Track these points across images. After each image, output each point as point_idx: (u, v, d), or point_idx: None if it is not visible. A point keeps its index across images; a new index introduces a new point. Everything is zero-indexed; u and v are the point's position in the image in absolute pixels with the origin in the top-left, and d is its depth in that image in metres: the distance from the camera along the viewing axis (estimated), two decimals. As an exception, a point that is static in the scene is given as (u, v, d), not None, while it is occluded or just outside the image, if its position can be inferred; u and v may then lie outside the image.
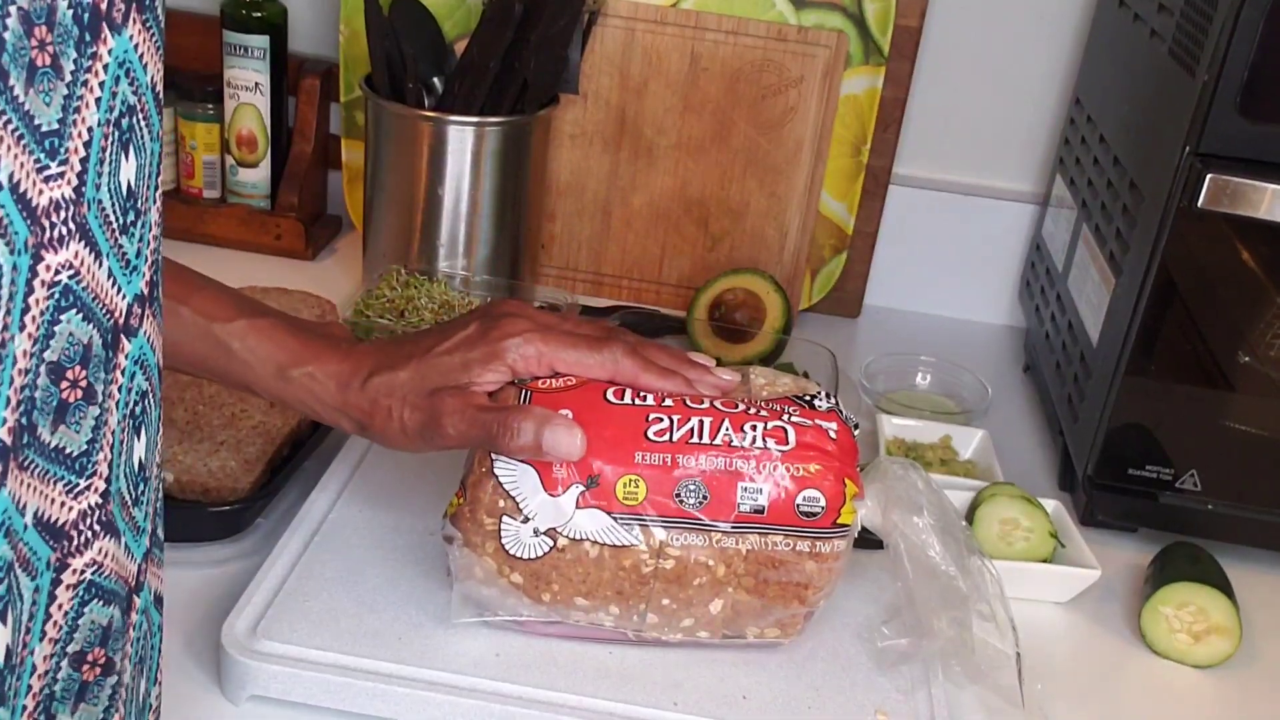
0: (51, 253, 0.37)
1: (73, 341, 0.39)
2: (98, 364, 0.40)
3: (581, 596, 0.67)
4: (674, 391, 0.68)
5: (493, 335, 0.67)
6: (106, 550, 0.42)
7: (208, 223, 1.22)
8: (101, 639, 0.44)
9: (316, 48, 1.27)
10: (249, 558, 0.79)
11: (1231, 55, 0.78)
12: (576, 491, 0.65)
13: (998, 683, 0.70)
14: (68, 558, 0.41)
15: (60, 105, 0.36)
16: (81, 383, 0.39)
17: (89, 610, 0.42)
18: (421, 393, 0.67)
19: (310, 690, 0.67)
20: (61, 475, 0.39)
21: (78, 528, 0.41)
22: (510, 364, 0.67)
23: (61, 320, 0.38)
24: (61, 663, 0.42)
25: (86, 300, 0.39)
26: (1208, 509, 0.90)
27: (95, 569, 0.42)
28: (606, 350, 0.68)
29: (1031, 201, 1.25)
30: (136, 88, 0.39)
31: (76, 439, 0.40)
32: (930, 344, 1.17)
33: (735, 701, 0.69)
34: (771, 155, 1.17)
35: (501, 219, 1.10)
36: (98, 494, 0.41)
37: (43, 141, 0.36)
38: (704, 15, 1.14)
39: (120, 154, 0.39)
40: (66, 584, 0.41)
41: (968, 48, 1.22)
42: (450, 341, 0.68)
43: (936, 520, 0.69)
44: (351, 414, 0.69)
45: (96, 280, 0.39)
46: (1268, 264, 0.86)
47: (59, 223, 0.37)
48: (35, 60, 0.35)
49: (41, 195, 0.36)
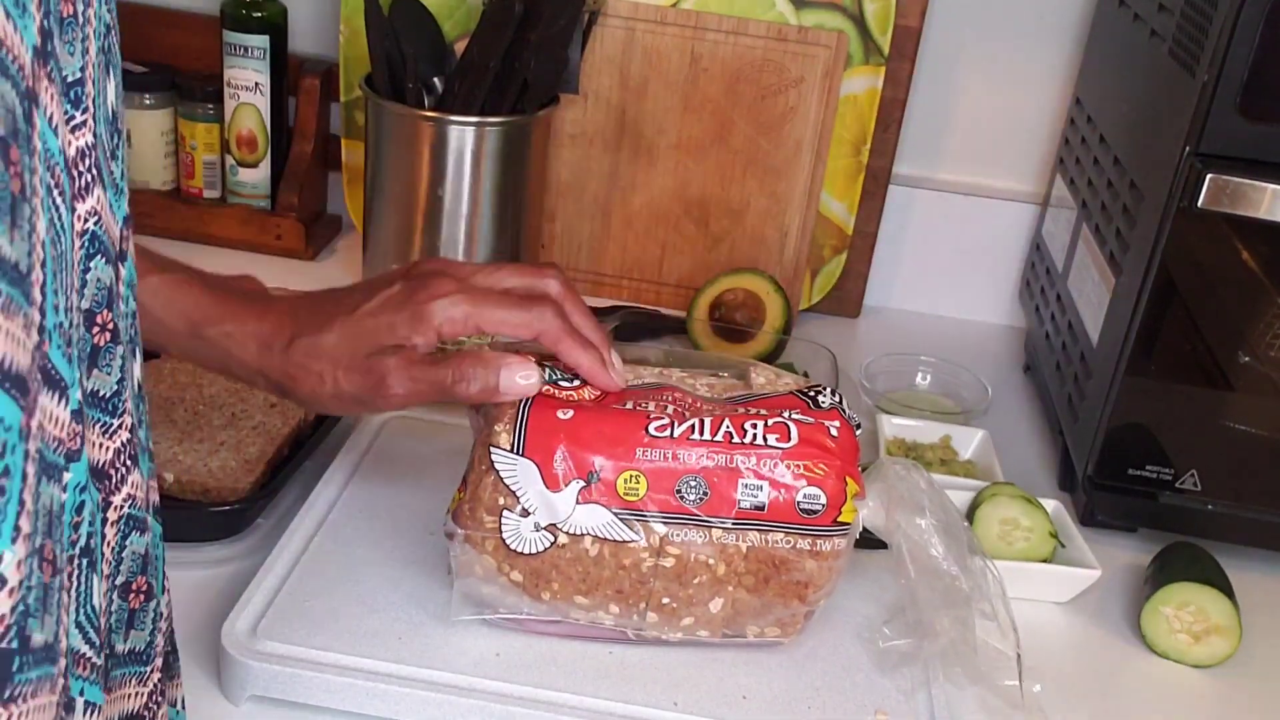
0: (81, 201, 0.37)
1: (100, 286, 0.39)
2: (117, 301, 0.40)
3: (581, 595, 0.67)
4: (586, 367, 0.67)
5: (419, 296, 0.66)
6: (135, 482, 0.43)
7: (208, 223, 1.22)
8: (142, 566, 0.44)
9: (316, 48, 1.27)
10: (249, 558, 0.79)
11: (1231, 55, 0.78)
12: (577, 487, 0.65)
13: (998, 684, 0.70)
14: (110, 495, 0.41)
15: (80, 52, 0.36)
16: (109, 325, 0.39)
17: (129, 542, 0.43)
18: (356, 355, 0.65)
19: (310, 690, 0.67)
20: (99, 418, 0.40)
21: (114, 466, 0.41)
22: (437, 327, 0.65)
23: (91, 268, 0.38)
24: (114, 595, 0.43)
25: (105, 242, 0.39)
26: (1207, 509, 0.90)
27: (130, 502, 0.43)
28: (535, 309, 0.66)
29: (1031, 201, 1.25)
30: (109, 3, 0.39)
31: (108, 380, 0.40)
32: (930, 344, 1.17)
33: (735, 701, 0.69)
34: (771, 155, 1.17)
35: (501, 219, 1.10)
36: (127, 430, 0.42)
37: (68, 92, 0.36)
38: (704, 15, 1.14)
39: (105, 77, 0.39)
40: (110, 521, 0.42)
41: (968, 48, 1.22)
42: (374, 302, 0.66)
43: (939, 521, 0.69)
44: (271, 375, 0.67)
45: (109, 218, 0.39)
46: (1268, 264, 0.86)
47: (84, 170, 0.37)
48: (64, 12, 0.35)
49: (70, 147, 0.36)
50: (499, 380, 0.64)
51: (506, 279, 0.68)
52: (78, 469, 0.36)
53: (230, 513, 0.79)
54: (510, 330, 0.67)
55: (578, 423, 0.66)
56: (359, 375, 0.65)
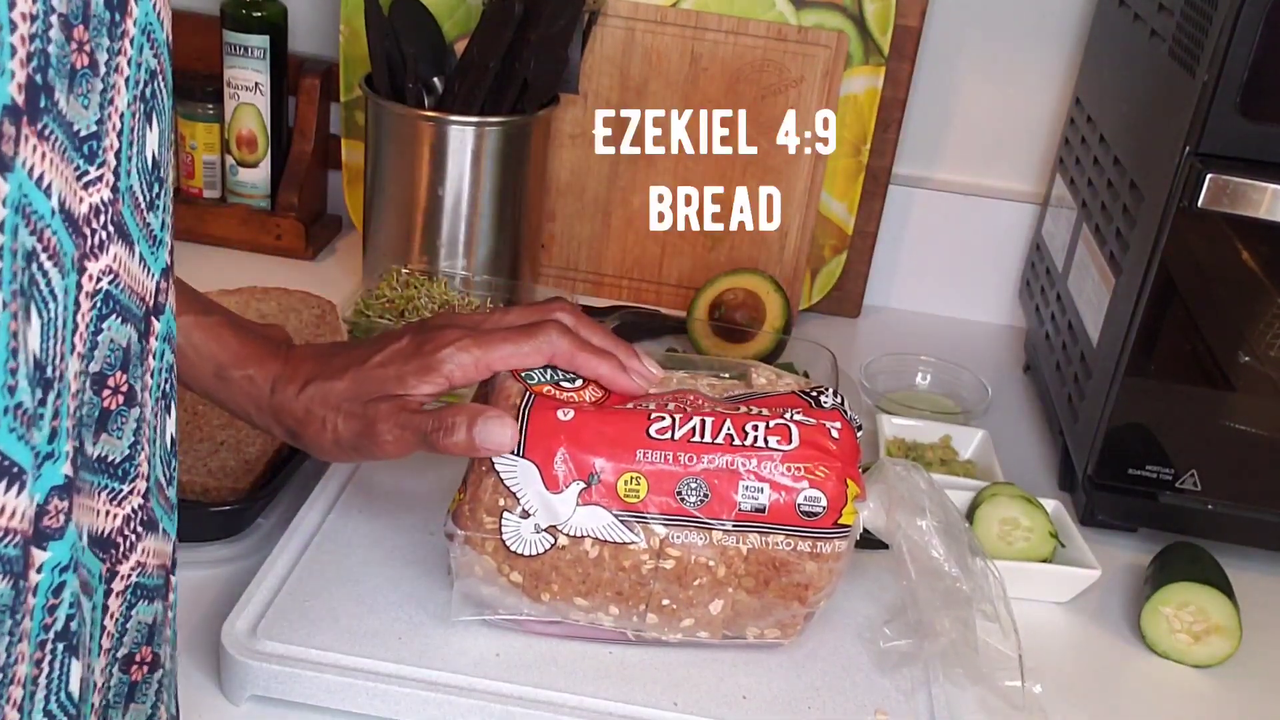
0: (93, 260, 0.35)
1: (114, 348, 0.37)
2: (135, 362, 0.39)
3: (581, 596, 0.67)
4: (606, 375, 0.68)
5: (427, 348, 0.66)
6: (148, 548, 0.41)
7: (208, 223, 1.22)
8: (148, 637, 0.43)
9: (316, 48, 1.27)
10: (249, 558, 0.79)
11: (1231, 55, 0.78)
12: (577, 489, 0.65)
13: (1000, 684, 0.70)
14: (116, 565, 0.40)
15: (97, 104, 0.34)
16: (123, 388, 0.38)
17: (136, 612, 0.42)
18: (357, 402, 0.66)
19: (310, 690, 0.67)
20: (105, 484, 0.38)
21: (123, 533, 0.40)
22: (447, 374, 0.66)
23: (103, 329, 0.36)
24: (114, 669, 0.42)
25: (124, 301, 0.37)
26: (1207, 509, 0.90)
27: (139, 570, 0.41)
28: (540, 335, 0.67)
29: (1031, 201, 1.25)
30: (156, 49, 0.38)
31: (119, 445, 0.39)
32: (930, 344, 1.17)
33: (735, 701, 0.69)
34: (772, 155, 1.17)
35: (501, 219, 1.10)
36: (139, 495, 0.40)
37: (81, 147, 0.34)
38: (704, 15, 1.14)
39: (145, 126, 0.37)
40: (116, 592, 0.40)
41: (968, 48, 1.22)
42: (385, 353, 0.67)
43: (940, 522, 0.69)
44: (284, 420, 0.68)
45: (131, 274, 0.37)
46: (1268, 264, 0.86)
47: (99, 228, 0.35)
48: (75, 64, 0.33)
49: (81, 204, 0.34)
50: (473, 435, 0.64)
51: (512, 319, 0.69)
52: (58, 547, 0.34)
53: (230, 513, 0.79)
54: (521, 362, 0.67)
55: (578, 424, 0.66)
56: (355, 421, 0.66)
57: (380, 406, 0.66)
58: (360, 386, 0.67)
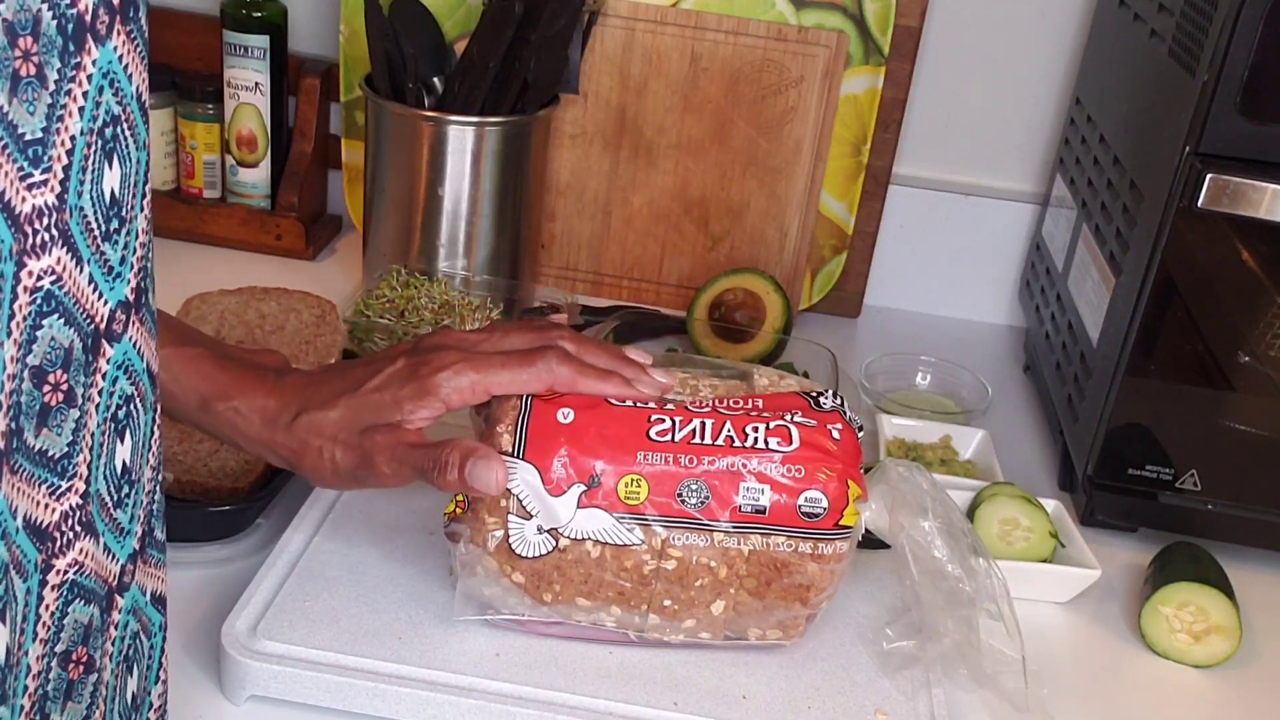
0: (34, 259, 0.37)
1: (54, 345, 0.39)
2: (78, 367, 0.40)
3: (583, 597, 0.67)
4: (613, 394, 0.67)
5: (423, 371, 0.66)
6: (86, 550, 0.43)
7: (208, 223, 1.22)
8: (83, 637, 0.44)
9: (316, 48, 1.27)
10: (249, 558, 0.79)
11: (1231, 55, 0.78)
12: (578, 491, 0.65)
13: (1003, 686, 0.70)
14: (52, 558, 0.41)
15: (44, 114, 0.37)
16: (63, 386, 0.40)
17: (72, 610, 0.43)
18: (353, 431, 0.65)
19: (310, 690, 0.67)
20: (45, 477, 0.40)
21: (60, 529, 0.41)
22: (444, 399, 0.65)
23: (44, 325, 0.38)
24: (51, 662, 0.43)
25: (68, 305, 0.39)
26: (1207, 509, 0.90)
27: (76, 569, 0.43)
28: (540, 362, 0.66)
29: (1031, 201, 1.25)
30: (121, 98, 0.40)
31: (58, 441, 0.40)
32: (930, 344, 1.17)
33: (735, 701, 0.69)
34: (771, 155, 1.17)
35: (501, 219, 1.10)
36: (78, 495, 0.42)
37: (26, 149, 0.36)
38: (704, 15, 1.14)
39: (104, 162, 0.39)
40: (51, 584, 0.42)
41: (968, 48, 1.22)
42: (380, 377, 0.66)
43: (942, 523, 0.69)
44: (279, 451, 0.68)
45: (78, 286, 0.39)
46: (1268, 264, 0.86)
47: (41, 229, 0.37)
48: (19, 70, 0.35)
49: (24, 202, 0.36)
50: (465, 475, 0.63)
51: (511, 341, 0.68)
52: None
53: (230, 513, 0.79)
54: (520, 389, 0.66)
55: (579, 426, 0.66)
56: (353, 453, 0.66)
57: (376, 438, 0.65)
58: (355, 415, 0.66)
